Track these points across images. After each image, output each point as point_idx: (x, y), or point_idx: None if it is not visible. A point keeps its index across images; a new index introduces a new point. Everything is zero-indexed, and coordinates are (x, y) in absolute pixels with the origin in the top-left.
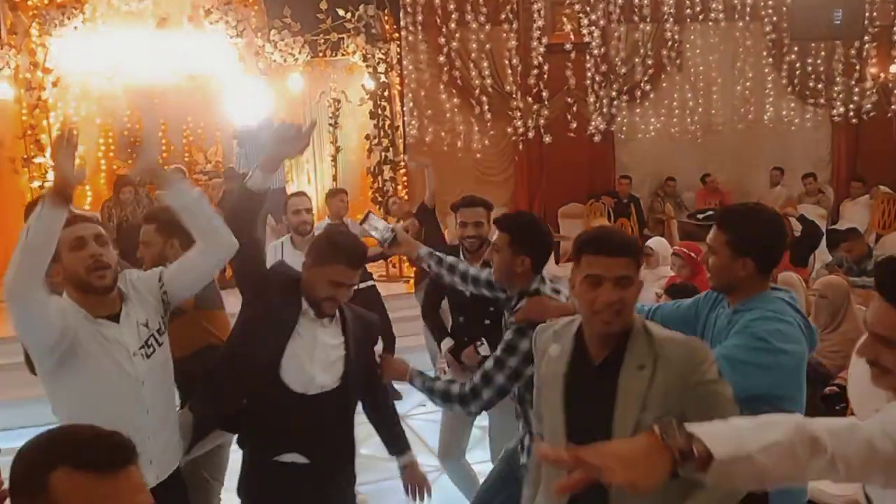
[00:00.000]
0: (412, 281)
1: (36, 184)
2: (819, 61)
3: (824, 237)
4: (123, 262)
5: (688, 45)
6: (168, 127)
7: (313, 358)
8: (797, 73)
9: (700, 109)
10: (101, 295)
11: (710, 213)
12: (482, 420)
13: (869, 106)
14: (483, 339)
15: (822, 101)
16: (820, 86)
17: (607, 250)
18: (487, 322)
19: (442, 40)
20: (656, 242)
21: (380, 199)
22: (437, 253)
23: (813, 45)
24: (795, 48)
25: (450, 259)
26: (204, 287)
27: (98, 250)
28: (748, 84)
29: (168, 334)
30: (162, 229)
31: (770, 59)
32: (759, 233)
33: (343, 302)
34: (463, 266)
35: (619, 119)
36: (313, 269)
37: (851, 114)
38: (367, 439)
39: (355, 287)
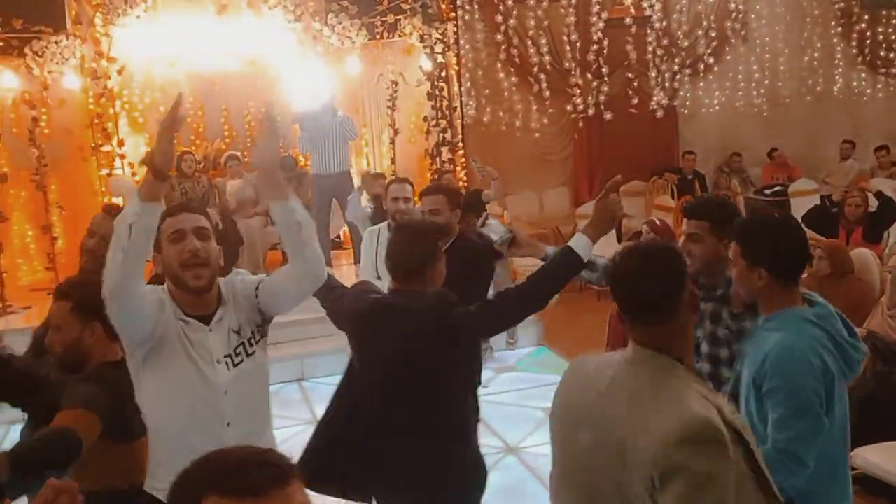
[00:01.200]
0: None
1: (104, 171)
2: (890, 30)
3: None
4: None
5: (752, 16)
6: (230, 112)
7: None
8: (867, 42)
9: (766, 82)
10: (196, 295)
11: (779, 188)
12: (545, 402)
13: None
14: None
15: (893, 70)
16: (892, 55)
17: None
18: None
19: (499, 18)
20: None
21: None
22: None
23: (884, 12)
24: (865, 16)
25: None
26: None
27: (196, 245)
28: (816, 55)
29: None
30: (79, 310)
31: (839, 29)
32: (769, 242)
33: None
34: (602, 261)
35: (681, 93)
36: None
37: None
38: None
39: None
